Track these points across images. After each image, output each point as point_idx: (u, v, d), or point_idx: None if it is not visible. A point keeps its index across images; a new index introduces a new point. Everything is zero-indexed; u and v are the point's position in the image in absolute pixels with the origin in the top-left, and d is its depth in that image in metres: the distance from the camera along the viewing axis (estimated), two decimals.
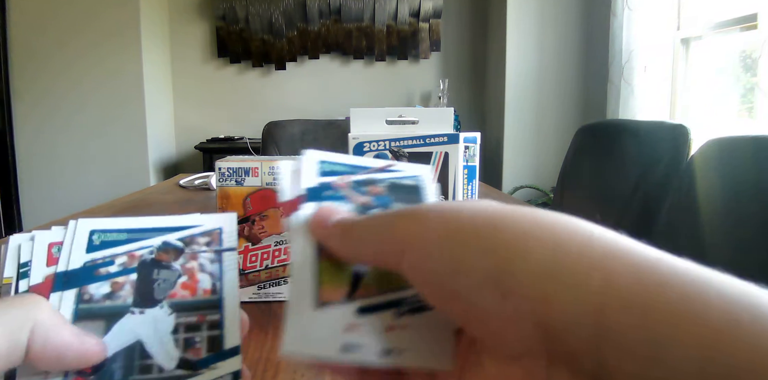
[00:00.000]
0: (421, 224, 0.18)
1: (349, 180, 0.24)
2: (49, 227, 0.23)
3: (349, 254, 0.20)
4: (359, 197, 0.24)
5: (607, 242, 0.16)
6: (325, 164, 0.24)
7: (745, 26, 1.79)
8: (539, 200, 2.60)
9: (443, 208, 0.18)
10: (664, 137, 1.10)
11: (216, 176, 0.53)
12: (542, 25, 2.63)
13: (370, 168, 0.25)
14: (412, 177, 0.25)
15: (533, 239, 0.16)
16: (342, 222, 0.20)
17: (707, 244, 0.80)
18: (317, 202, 0.23)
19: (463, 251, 0.16)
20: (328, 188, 0.23)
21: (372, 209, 0.23)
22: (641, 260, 0.15)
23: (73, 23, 2.62)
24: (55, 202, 2.70)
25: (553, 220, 0.17)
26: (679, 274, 0.14)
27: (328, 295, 0.20)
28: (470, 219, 0.17)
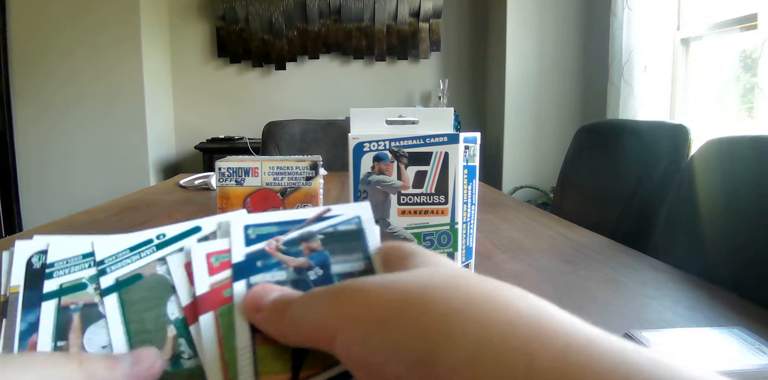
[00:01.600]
0: (351, 306, 0.18)
1: (280, 243, 0.23)
2: (29, 235, 0.23)
3: (286, 338, 0.20)
4: (293, 261, 0.23)
5: (534, 320, 0.16)
6: (251, 229, 0.23)
7: (745, 26, 1.79)
8: (539, 200, 2.60)
9: (375, 285, 0.18)
10: (664, 137, 1.10)
11: (216, 176, 0.53)
12: (542, 25, 2.63)
13: (303, 221, 0.24)
14: (350, 221, 0.24)
15: (461, 321, 0.16)
16: (276, 304, 0.20)
17: (707, 244, 0.80)
18: (248, 278, 0.22)
19: (390, 335, 0.16)
20: (258, 258, 0.22)
21: (309, 270, 0.22)
22: (567, 341, 0.15)
23: (73, 23, 2.62)
24: (55, 202, 2.70)
25: (483, 296, 0.17)
26: (605, 358, 0.14)
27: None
28: (400, 299, 0.17)
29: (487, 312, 0.16)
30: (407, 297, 0.17)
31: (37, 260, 0.22)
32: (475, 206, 0.57)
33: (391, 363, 0.16)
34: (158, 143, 2.88)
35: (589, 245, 0.76)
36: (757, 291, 0.64)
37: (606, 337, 0.15)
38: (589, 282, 0.59)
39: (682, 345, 0.41)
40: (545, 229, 0.87)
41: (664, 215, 0.93)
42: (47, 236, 0.22)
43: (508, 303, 0.16)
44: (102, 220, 0.94)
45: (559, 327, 0.15)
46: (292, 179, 0.54)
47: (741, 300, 0.53)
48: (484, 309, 0.16)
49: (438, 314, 0.16)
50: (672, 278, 0.61)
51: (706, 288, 0.57)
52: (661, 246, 0.90)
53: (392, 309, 0.17)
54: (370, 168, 0.48)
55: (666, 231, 0.91)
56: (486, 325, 0.15)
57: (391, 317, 0.17)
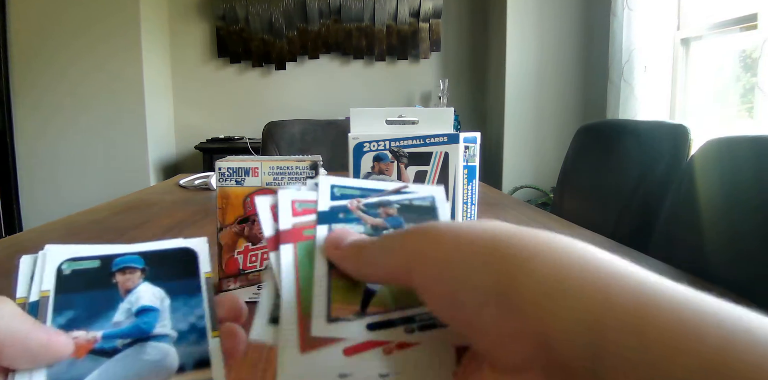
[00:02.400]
0: (430, 241, 0.19)
1: (361, 203, 0.25)
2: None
3: (362, 274, 0.21)
4: (372, 219, 0.24)
5: (607, 264, 0.16)
6: (337, 188, 0.25)
7: (745, 26, 1.79)
8: (539, 200, 2.60)
9: (451, 226, 0.19)
10: (664, 137, 1.10)
11: (216, 176, 0.53)
12: (542, 25, 2.63)
13: (383, 191, 0.25)
14: (425, 198, 0.26)
15: (536, 258, 0.17)
16: (355, 244, 0.21)
17: (707, 243, 0.80)
18: (329, 224, 0.23)
19: (468, 267, 0.17)
20: (340, 211, 0.24)
21: (384, 230, 0.24)
22: (640, 282, 0.15)
23: (73, 23, 2.62)
24: (55, 202, 2.70)
25: (556, 241, 0.17)
26: (677, 297, 0.14)
27: (338, 311, 0.21)
28: (476, 236, 0.18)
29: (561, 253, 0.17)
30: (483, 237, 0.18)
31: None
32: (475, 206, 0.57)
33: (467, 291, 0.17)
34: (158, 143, 2.88)
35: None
36: (757, 291, 0.64)
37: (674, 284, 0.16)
38: None
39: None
40: (545, 229, 0.87)
41: (664, 215, 0.93)
42: (75, 246, 0.23)
43: (583, 249, 0.17)
44: (102, 220, 0.94)
45: (631, 271, 0.16)
46: (292, 179, 0.54)
47: (741, 300, 0.53)
48: (559, 251, 0.17)
49: (514, 249, 0.17)
50: (672, 278, 0.60)
51: (707, 288, 0.56)
52: (661, 246, 0.90)
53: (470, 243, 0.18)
54: (370, 168, 0.48)
55: (666, 231, 0.91)
56: (560, 264, 0.16)
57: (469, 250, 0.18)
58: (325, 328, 0.21)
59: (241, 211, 0.53)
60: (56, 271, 0.22)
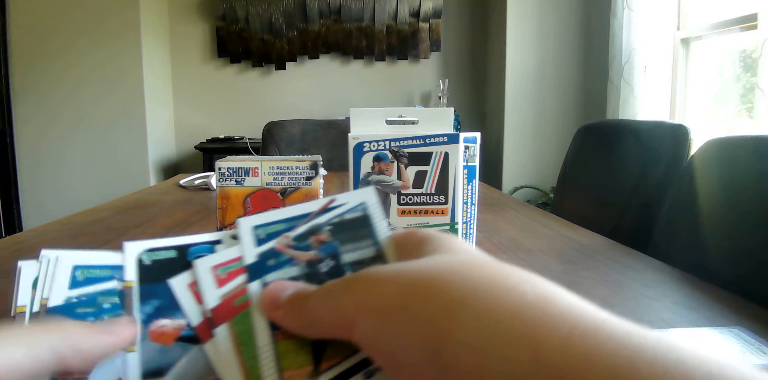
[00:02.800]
0: (366, 295, 0.18)
1: (289, 239, 0.23)
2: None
3: (307, 331, 0.20)
4: (304, 255, 0.23)
5: (540, 305, 0.16)
6: (260, 229, 0.23)
7: (745, 26, 1.79)
8: (539, 200, 2.60)
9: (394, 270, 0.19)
10: (664, 137, 1.10)
11: (216, 176, 0.53)
12: (542, 25, 2.63)
13: (309, 214, 0.24)
14: (355, 208, 0.24)
15: (468, 307, 0.16)
16: (294, 299, 0.21)
17: (707, 244, 0.80)
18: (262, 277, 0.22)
19: (402, 321, 0.17)
20: (270, 257, 0.23)
21: (321, 262, 0.23)
22: (573, 326, 0.15)
23: (73, 23, 2.62)
24: (55, 202, 2.70)
25: (489, 282, 0.17)
26: (611, 342, 0.14)
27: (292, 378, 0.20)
28: (412, 285, 0.18)
29: (492, 299, 0.16)
30: (416, 285, 0.18)
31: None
32: (475, 206, 0.57)
33: (403, 349, 0.17)
34: (158, 143, 2.88)
35: (589, 245, 0.76)
36: (757, 291, 0.64)
37: (611, 321, 0.15)
38: (589, 282, 0.59)
39: (673, 339, 0.41)
40: (545, 229, 0.87)
41: (664, 215, 0.93)
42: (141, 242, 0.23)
43: (513, 289, 0.17)
44: (102, 220, 0.94)
45: (564, 312, 0.15)
46: (292, 179, 0.54)
47: (741, 300, 0.53)
48: (490, 296, 0.16)
49: (445, 301, 0.17)
50: (672, 278, 0.61)
51: (706, 288, 0.57)
52: (661, 246, 0.90)
53: (402, 296, 0.18)
54: (370, 168, 0.48)
55: (666, 231, 0.91)
56: (491, 312, 0.16)
57: (402, 304, 0.17)
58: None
59: (241, 211, 0.53)
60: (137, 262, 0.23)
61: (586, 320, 0.15)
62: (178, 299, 0.22)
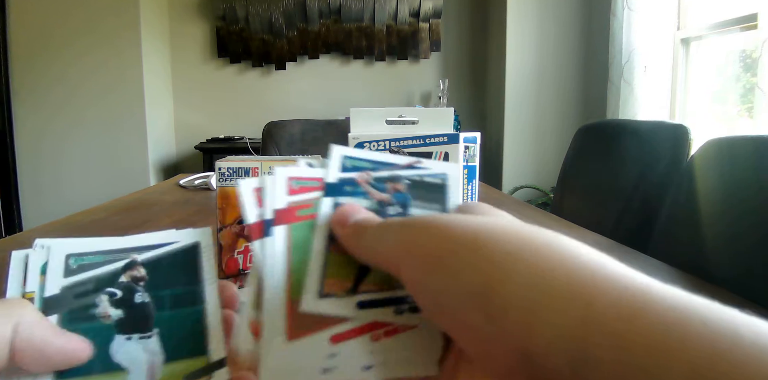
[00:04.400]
0: (421, 235, 0.19)
1: (370, 176, 0.24)
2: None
3: (360, 256, 0.21)
4: (378, 194, 0.24)
5: (592, 265, 0.16)
6: (348, 160, 0.25)
7: (745, 26, 1.79)
8: (539, 200, 2.60)
9: (446, 220, 0.19)
10: (664, 137, 1.10)
11: (216, 176, 0.53)
12: (542, 25, 2.63)
13: (395, 165, 0.25)
14: (437, 175, 0.25)
15: (522, 258, 0.16)
16: (358, 224, 0.21)
17: (707, 244, 0.80)
18: (334, 197, 0.23)
19: (453, 266, 0.17)
20: (348, 184, 0.24)
21: (390, 205, 0.24)
22: (624, 286, 0.15)
23: (73, 23, 2.62)
24: (54, 202, 2.70)
25: (542, 241, 0.17)
26: (662, 302, 0.14)
27: (331, 287, 0.21)
28: (464, 235, 0.18)
29: (547, 256, 0.16)
30: (473, 233, 0.18)
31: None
32: None
33: (450, 294, 0.17)
34: (158, 143, 2.88)
35: (589, 245, 0.76)
36: (757, 290, 0.64)
37: (659, 284, 0.15)
38: None
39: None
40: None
41: (664, 215, 0.93)
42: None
43: (568, 250, 0.17)
44: (102, 220, 0.94)
45: (616, 274, 0.16)
46: None
47: (741, 299, 0.53)
48: (545, 253, 0.16)
49: (500, 252, 0.17)
50: (672, 278, 0.61)
51: (706, 288, 0.56)
52: (661, 246, 0.90)
53: (456, 243, 0.18)
54: None
55: (666, 231, 0.91)
56: (543, 268, 0.16)
57: (454, 251, 0.17)
58: (315, 303, 0.21)
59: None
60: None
61: (637, 282, 0.15)
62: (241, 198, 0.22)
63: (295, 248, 0.22)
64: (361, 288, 0.21)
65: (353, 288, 0.21)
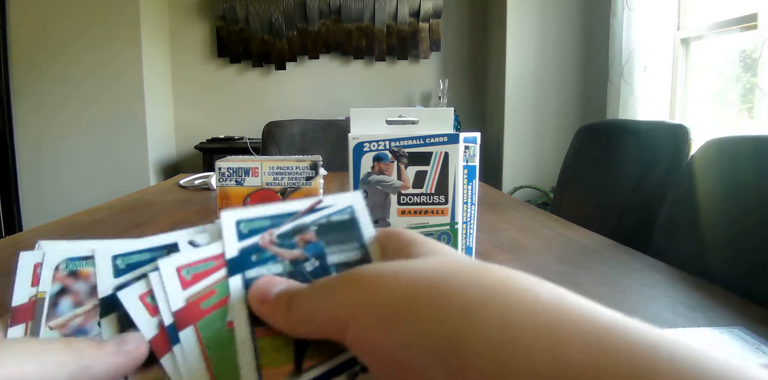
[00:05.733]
0: (369, 286, 0.17)
1: (273, 236, 0.22)
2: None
3: (294, 330, 0.19)
4: (289, 253, 0.22)
5: (554, 307, 0.15)
6: (243, 224, 0.23)
7: (745, 26, 1.79)
8: (539, 200, 2.60)
9: (385, 271, 0.18)
10: (664, 137, 1.10)
11: (216, 176, 0.53)
12: (542, 25, 2.63)
13: (295, 213, 0.23)
14: (342, 210, 0.24)
15: (481, 308, 0.16)
16: (283, 295, 0.20)
17: (707, 244, 0.80)
18: (243, 272, 0.21)
19: (411, 323, 0.16)
20: (252, 252, 0.22)
21: (305, 261, 0.22)
22: (589, 327, 0.15)
23: (73, 23, 2.62)
24: (54, 202, 2.70)
25: (503, 283, 0.17)
26: (628, 340, 0.14)
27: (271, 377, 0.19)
28: (419, 285, 0.17)
29: (508, 302, 0.16)
30: (426, 283, 0.17)
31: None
32: (475, 206, 0.57)
33: (410, 351, 0.16)
34: (158, 143, 2.88)
35: (589, 245, 0.76)
36: (757, 291, 0.64)
37: (625, 320, 0.15)
38: (589, 282, 0.59)
39: (684, 338, 0.41)
40: (545, 229, 0.87)
41: (664, 215, 0.93)
42: None
43: (527, 291, 0.16)
44: (102, 220, 0.94)
45: (579, 312, 0.15)
46: (292, 179, 0.54)
47: (741, 299, 0.53)
48: (505, 297, 0.16)
49: (459, 303, 0.16)
50: (672, 278, 0.61)
51: (706, 288, 0.56)
52: (660, 246, 0.90)
53: (412, 295, 0.17)
54: (370, 168, 0.48)
55: (666, 231, 0.91)
56: (508, 314, 0.15)
57: (409, 305, 0.16)
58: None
59: None
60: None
61: (602, 319, 0.15)
62: (129, 312, 0.20)
63: (212, 348, 0.20)
64: (305, 365, 0.20)
65: (296, 369, 0.20)
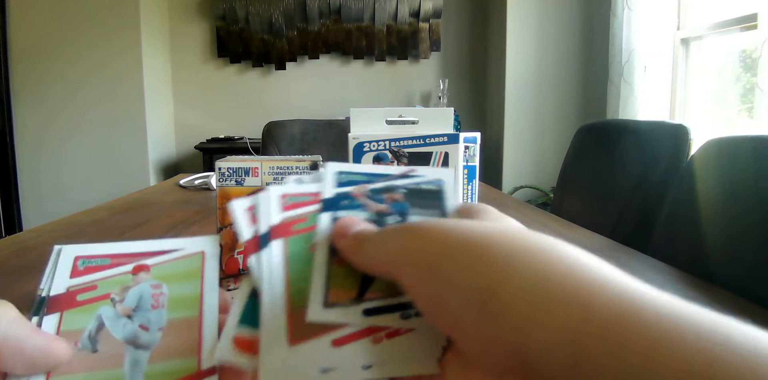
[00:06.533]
0: (420, 238, 0.19)
1: (366, 189, 0.25)
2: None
3: (362, 265, 0.21)
4: (376, 205, 0.24)
5: (589, 270, 0.16)
6: (343, 175, 0.25)
7: (745, 26, 1.79)
8: (539, 200, 2.60)
9: (445, 224, 0.20)
10: (664, 137, 1.10)
11: (216, 176, 0.53)
12: (542, 25, 2.63)
13: (390, 175, 0.25)
14: (432, 182, 0.26)
15: (519, 262, 0.17)
16: (358, 235, 0.22)
17: (707, 244, 0.80)
18: (333, 211, 0.24)
19: (452, 270, 0.17)
20: (344, 198, 0.24)
21: (389, 216, 0.24)
22: (620, 290, 0.15)
23: (73, 23, 2.62)
24: (54, 202, 2.70)
25: (540, 244, 0.18)
26: (657, 307, 0.14)
27: (336, 297, 0.21)
28: (463, 238, 0.18)
29: (546, 258, 0.17)
30: (472, 237, 0.18)
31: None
32: None
33: (448, 296, 0.17)
34: (158, 143, 2.88)
35: (589, 245, 0.76)
36: (757, 291, 0.64)
37: (656, 291, 0.15)
38: None
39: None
40: (545, 229, 0.87)
41: (664, 215, 0.93)
42: None
43: (566, 254, 0.17)
44: (102, 220, 0.94)
45: (613, 279, 0.16)
46: None
47: (741, 299, 0.53)
48: (542, 255, 0.17)
49: (499, 253, 0.17)
50: (672, 278, 0.61)
51: (706, 288, 0.56)
52: (661, 246, 0.90)
53: (456, 246, 0.18)
54: None
55: (666, 231, 0.91)
56: (543, 270, 0.16)
57: (450, 256, 0.18)
58: (320, 313, 0.21)
59: None
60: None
61: (633, 287, 0.15)
62: (235, 217, 0.23)
63: (293, 260, 0.22)
64: (367, 296, 0.22)
65: (358, 296, 0.21)
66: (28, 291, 0.55)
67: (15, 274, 0.61)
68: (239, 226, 0.23)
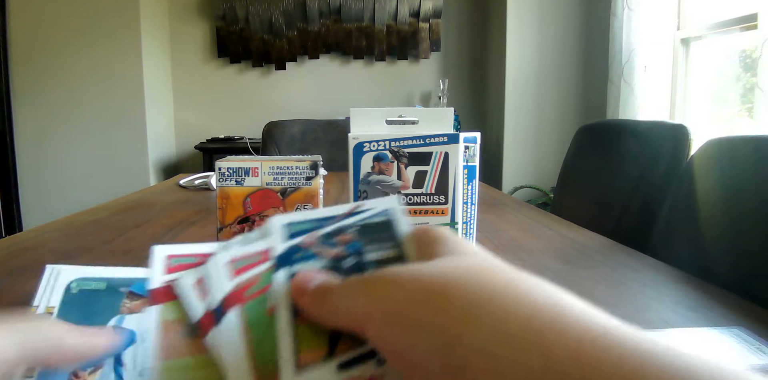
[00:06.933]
0: (381, 295, 0.19)
1: (316, 236, 0.25)
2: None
3: (328, 321, 0.21)
4: (330, 251, 0.24)
5: (550, 312, 0.16)
6: (291, 226, 0.25)
7: (745, 26, 1.79)
8: (539, 200, 2.60)
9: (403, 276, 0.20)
10: (664, 137, 1.10)
11: (216, 176, 0.53)
12: (542, 25, 2.63)
13: (336, 216, 0.25)
14: (380, 213, 0.26)
15: (481, 313, 0.17)
16: (317, 290, 0.22)
17: (707, 244, 0.80)
18: (288, 267, 0.24)
19: (415, 326, 0.18)
20: (297, 251, 0.24)
21: (345, 258, 0.24)
22: (582, 333, 0.15)
23: (73, 23, 2.62)
24: (54, 202, 2.70)
25: (503, 288, 0.18)
26: (621, 348, 0.14)
27: (307, 359, 0.21)
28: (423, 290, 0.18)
29: (504, 306, 0.17)
30: (432, 288, 0.18)
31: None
32: (475, 206, 0.57)
33: (414, 351, 0.17)
34: (158, 143, 2.88)
35: (589, 245, 0.76)
36: (757, 291, 0.64)
37: (620, 327, 0.15)
38: (589, 282, 0.59)
39: (682, 346, 0.41)
40: (545, 229, 0.87)
41: (664, 215, 0.93)
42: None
43: (525, 295, 0.17)
44: (102, 220, 0.94)
45: (574, 318, 0.16)
46: (292, 179, 0.54)
47: (741, 300, 0.53)
48: (502, 303, 0.17)
49: (458, 308, 0.17)
50: (672, 278, 0.61)
51: (706, 288, 0.56)
52: (661, 246, 0.90)
53: (418, 299, 0.18)
54: (370, 168, 0.48)
55: (666, 231, 0.91)
56: (503, 319, 0.16)
57: (414, 309, 0.18)
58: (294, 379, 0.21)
59: (241, 211, 0.53)
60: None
61: (596, 326, 0.15)
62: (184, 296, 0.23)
63: (253, 328, 0.22)
64: (339, 348, 0.21)
65: (329, 352, 0.21)
66: (28, 291, 0.55)
67: (15, 274, 0.61)
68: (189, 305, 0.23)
